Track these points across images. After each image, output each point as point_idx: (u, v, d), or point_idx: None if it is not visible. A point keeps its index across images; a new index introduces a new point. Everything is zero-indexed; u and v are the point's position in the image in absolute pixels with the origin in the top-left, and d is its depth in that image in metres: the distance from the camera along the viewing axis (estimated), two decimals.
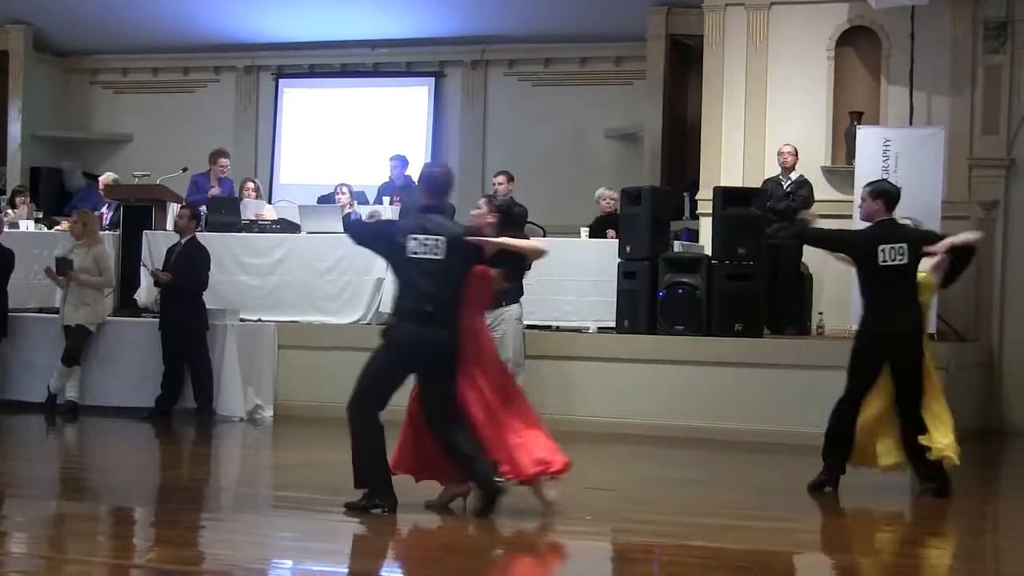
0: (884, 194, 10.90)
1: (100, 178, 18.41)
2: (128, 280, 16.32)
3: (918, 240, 10.83)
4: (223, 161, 18.19)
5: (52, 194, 21.70)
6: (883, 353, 10.74)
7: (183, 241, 15.44)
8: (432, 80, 22.53)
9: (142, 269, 16.11)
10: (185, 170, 18.12)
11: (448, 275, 9.42)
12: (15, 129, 22.32)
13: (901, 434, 10.79)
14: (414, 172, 19.47)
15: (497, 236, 9.71)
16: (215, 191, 17.79)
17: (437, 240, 9.36)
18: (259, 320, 15.95)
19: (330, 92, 22.84)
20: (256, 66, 23.05)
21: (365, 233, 10.45)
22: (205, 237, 15.85)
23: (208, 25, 21.62)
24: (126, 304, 16.19)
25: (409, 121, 22.26)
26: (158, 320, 15.36)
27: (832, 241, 11.60)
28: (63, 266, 15.23)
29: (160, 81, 23.55)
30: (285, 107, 23.04)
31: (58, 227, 17.40)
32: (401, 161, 19.35)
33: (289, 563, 8.32)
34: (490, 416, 9.50)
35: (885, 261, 10.64)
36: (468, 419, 9.46)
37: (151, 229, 16.49)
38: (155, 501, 10.68)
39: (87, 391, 15.38)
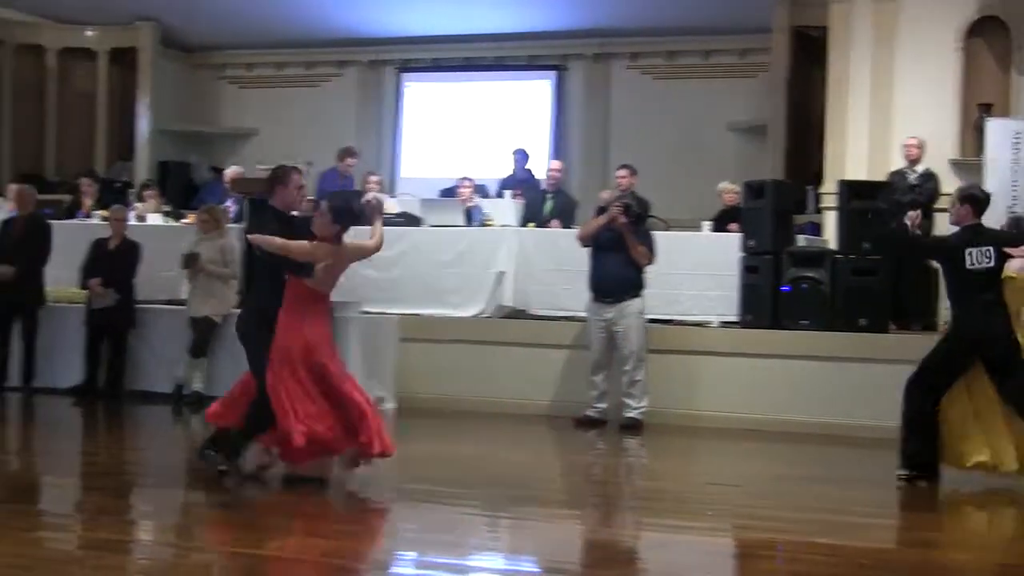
0: (972, 199, 10.97)
1: (225, 172, 18.58)
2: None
3: (1001, 242, 10.87)
4: (349, 160, 18.30)
5: (179, 188, 21.96)
6: (975, 355, 10.75)
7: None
8: (554, 74, 22.53)
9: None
10: (309, 164, 18.22)
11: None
12: (143, 124, 22.63)
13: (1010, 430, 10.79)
14: (535, 166, 19.50)
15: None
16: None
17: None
18: (381, 313, 16.02)
19: (452, 86, 22.92)
20: (379, 60, 23.19)
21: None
22: None
23: (332, 20, 21.76)
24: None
25: (531, 115, 22.28)
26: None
27: (922, 248, 11.88)
28: (190, 260, 15.40)
29: (284, 76, 23.76)
30: (407, 101, 23.15)
31: (185, 220, 17.58)
32: (523, 155, 19.37)
33: (412, 555, 8.34)
34: None
35: (973, 265, 10.72)
36: None
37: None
38: (281, 491, 10.77)
39: (213, 382, 15.50)
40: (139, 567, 7.87)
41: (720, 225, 16.65)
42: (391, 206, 17.52)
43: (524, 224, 17.01)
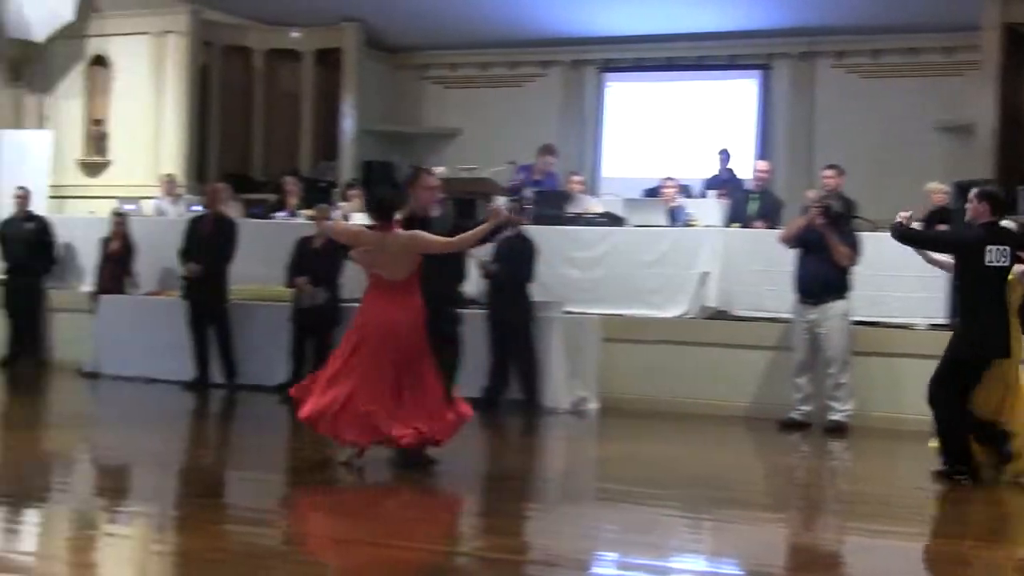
0: (991, 198, 11.04)
1: (432, 172, 18.75)
2: (456, 271, 16.56)
3: (1016, 244, 10.94)
4: (548, 159, 18.38)
5: (383, 187, 22.22)
6: (987, 357, 10.88)
7: (511, 234, 15.66)
8: (759, 73, 22.39)
9: (470, 261, 16.36)
10: (512, 163, 18.37)
11: None
12: (348, 124, 22.96)
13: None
14: (739, 166, 19.40)
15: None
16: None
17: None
18: (583, 313, 16.07)
19: (655, 86, 22.90)
20: (582, 60, 23.25)
21: None
22: (532, 230, 16.04)
23: (535, 20, 21.86)
24: None
25: (736, 114, 22.17)
26: (485, 312, 15.59)
27: (939, 242, 11.77)
28: None
29: (488, 76, 23.94)
30: (609, 101, 23.18)
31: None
32: (726, 155, 19.29)
33: (613, 555, 8.36)
34: None
35: (991, 262, 10.79)
36: None
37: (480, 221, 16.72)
38: (481, 490, 10.87)
39: None
40: (342, 562, 8.00)
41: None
42: (594, 206, 17.57)
43: (728, 224, 16.94)
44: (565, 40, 22.70)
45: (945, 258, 11.61)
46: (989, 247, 10.80)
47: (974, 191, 11.24)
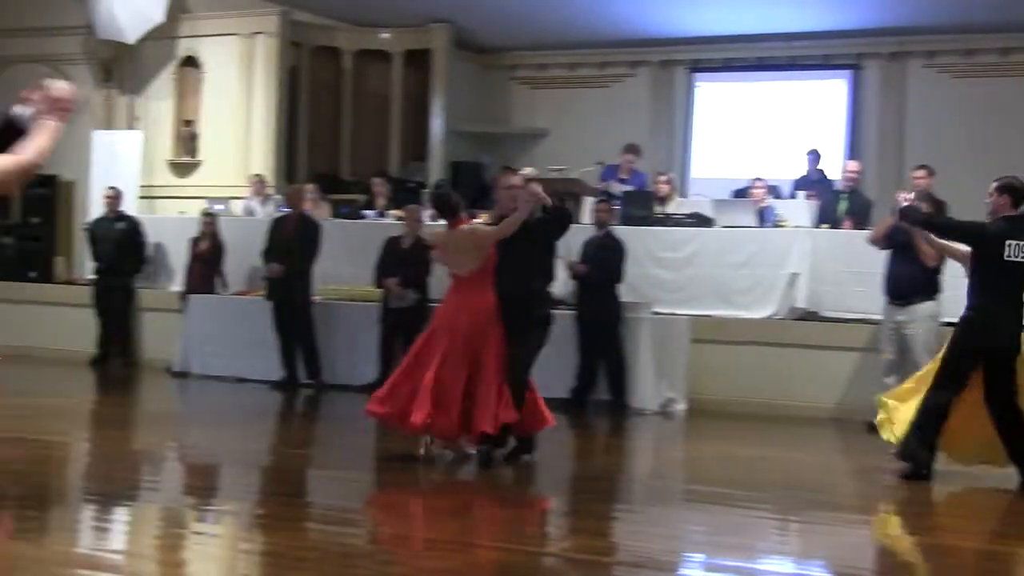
0: (1011, 190, 10.90)
1: (520, 172, 18.76)
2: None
3: None
4: (627, 157, 18.34)
5: (471, 188, 22.27)
6: (988, 349, 10.74)
7: (600, 234, 15.66)
8: (849, 73, 22.23)
9: (558, 262, 16.35)
10: (600, 164, 18.36)
11: None
12: (437, 124, 23.01)
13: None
14: (828, 166, 19.27)
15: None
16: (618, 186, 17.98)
17: None
18: (672, 314, 16.03)
19: (745, 86, 22.79)
20: (671, 60, 23.18)
21: None
22: (620, 230, 16.02)
23: (624, 20, 21.81)
24: None
25: (825, 115, 22.02)
26: (574, 312, 15.59)
27: (958, 231, 11.39)
28: None
29: (576, 76, 23.92)
30: (699, 101, 23.10)
31: (476, 220, 17.81)
32: (816, 155, 19.17)
33: (701, 557, 8.33)
34: None
35: (1010, 256, 10.65)
36: None
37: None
38: (569, 491, 10.87)
39: None
40: (428, 564, 8.02)
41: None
42: (682, 206, 17.53)
43: (818, 225, 16.84)
44: (654, 40, 22.64)
45: (960, 247, 11.36)
46: (1009, 241, 10.66)
47: (994, 183, 11.11)
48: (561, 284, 16.27)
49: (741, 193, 18.05)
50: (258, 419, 13.46)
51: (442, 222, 11.74)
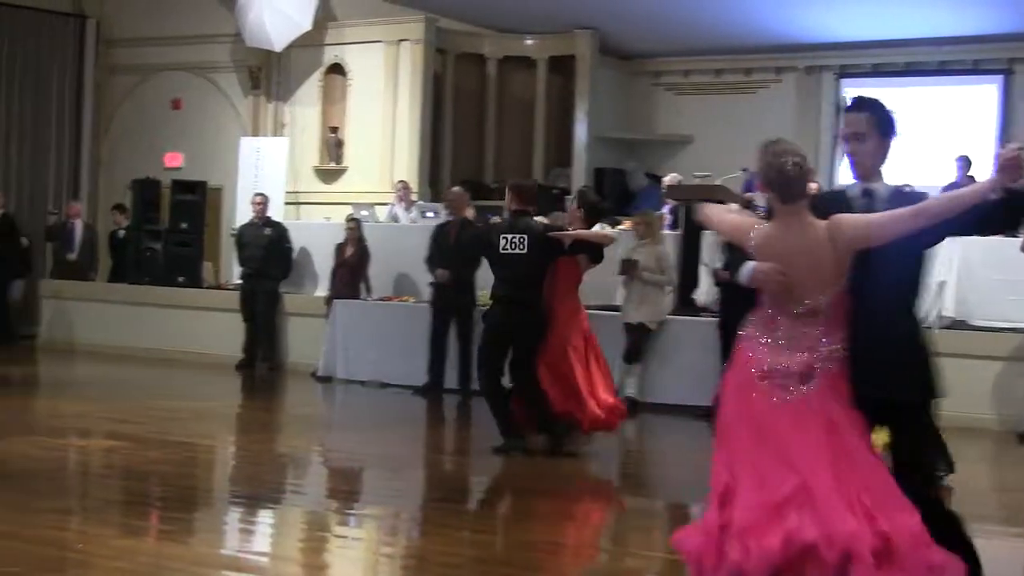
0: None
1: (664, 179, 18.73)
2: (688, 279, 16.52)
3: None
4: None
5: (615, 194, 22.28)
6: None
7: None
8: (1000, 78, 21.89)
9: (702, 268, 16.29)
10: (745, 170, 18.24)
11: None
12: (581, 131, 23.02)
13: None
14: (977, 172, 18.99)
15: None
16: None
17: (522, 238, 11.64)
18: None
19: (893, 91, 22.51)
20: (818, 66, 22.99)
21: None
22: None
23: (770, 26, 21.67)
24: (685, 303, 16.40)
25: (975, 120, 21.70)
26: (717, 320, 15.50)
27: None
28: (628, 267, 15.57)
29: (721, 83, 23.81)
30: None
31: (621, 227, 17.80)
32: (965, 161, 18.90)
33: None
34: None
35: None
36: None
37: (708, 230, 16.65)
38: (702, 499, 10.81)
39: (646, 388, 15.66)
40: (571, 570, 8.02)
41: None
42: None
43: None
44: (800, 46, 22.47)
45: None
46: None
47: None
48: (704, 292, 16.21)
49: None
50: (402, 424, 13.53)
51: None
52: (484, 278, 16.73)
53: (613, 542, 8.90)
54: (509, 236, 11.78)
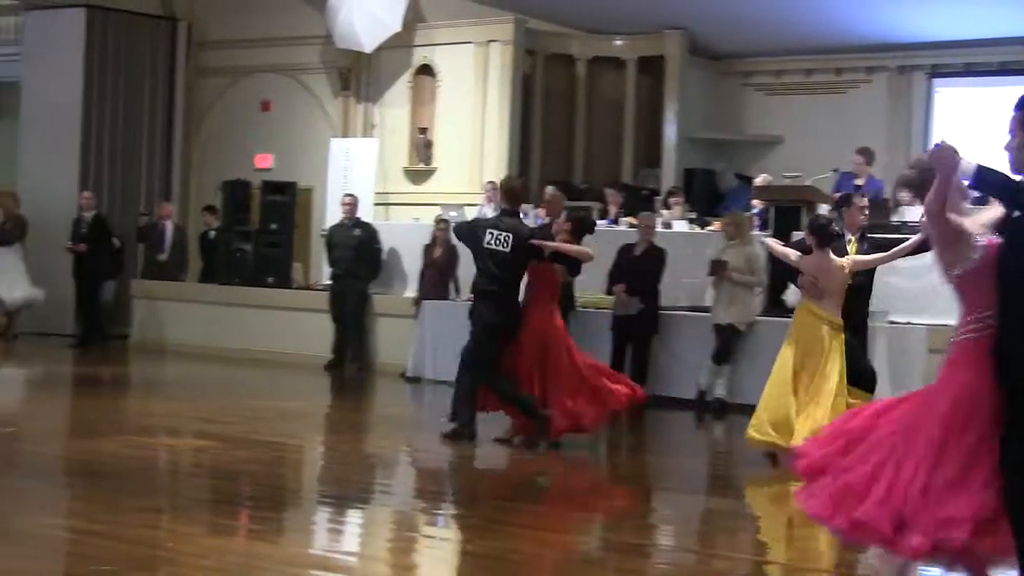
0: None
1: (755, 180, 18.65)
2: (777, 281, 16.43)
3: None
4: (856, 159, 18.05)
5: (705, 195, 22.18)
6: None
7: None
8: None
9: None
10: (835, 171, 18.12)
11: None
12: (671, 131, 22.93)
13: None
14: None
15: None
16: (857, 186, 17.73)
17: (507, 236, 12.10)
18: (908, 323, 15.75)
19: (987, 91, 22.29)
20: (909, 65, 22.79)
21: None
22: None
23: (861, 25, 21.49)
24: (775, 304, 16.30)
25: None
26: None
27: None
28: (717, 267, 15.52)
29: (812, 83, 23.64)
30: (938, 107, 22.67)
31: (710, 227, 17.75)
32: None
33: (935, 572, 8.17)
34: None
35: None
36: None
37: (800, 230, 16.55)
38: (780, 500, 10.74)
39: (735, 389, 15.58)
40: (659, 572, 8.00)
41: None
42: (920, 214, 17.17)
43: None
44: (892, 45, 22.27)
45: None
46: None
47: None
48: (793, 294, 16.09)
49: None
50: (490, 424, 13.52)
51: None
52: (579, 280, 16.80)
53: (700, 543, 8.87)
54: (495, 232, 12.23)
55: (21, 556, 7.50)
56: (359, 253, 19.13)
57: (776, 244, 12.68)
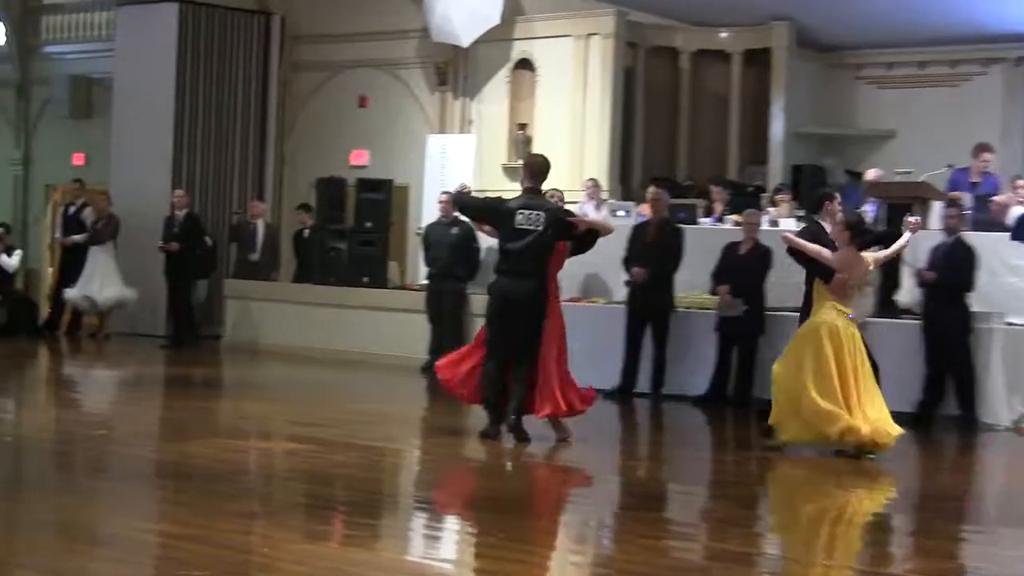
0: None
1: (866, 175, 18.50)
2: (889, 280, 16.27)
3: None
4: (985, 156, 17.83)
5: (813, 192, 21.99)
6: None
7: (949, 240, 15.29)
8: None
9: (904, 269, 16.04)
10: (950, 167, 17.93)
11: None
12: (778, 126, 22.76)
13: None
14: None
15: None
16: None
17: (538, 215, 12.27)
18: None
19: None
20: None
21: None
22: (971, 236, 15.60)
23: (978, 16, 21.25)
24: (887, 304, 16.16)
25: None
26: (920, 322, 15.26)
27: None
28: None
29: (925, 75, 23.39)
30: None
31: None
32: None
33: None
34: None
35: None
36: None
37: None
38: (913, 509, 10.64)
39: None
40: None
41: None
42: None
43: None
44: (1010, 36, 21.99)
45: None
46: None
47: None
48: (907, 292, 15.96)
49: None
50: (591, 428, 13.51)
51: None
52: (682, 280, 16.75)
53: (825, 555, 8.79)
54: (526, 212, 12.36)
55: (112, 560, 7.57)
56: (456, 252, 19.15)
57: (802, 241, 12.79)
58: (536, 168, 12.93)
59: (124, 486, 9.99)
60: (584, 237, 12.80)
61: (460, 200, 14.01)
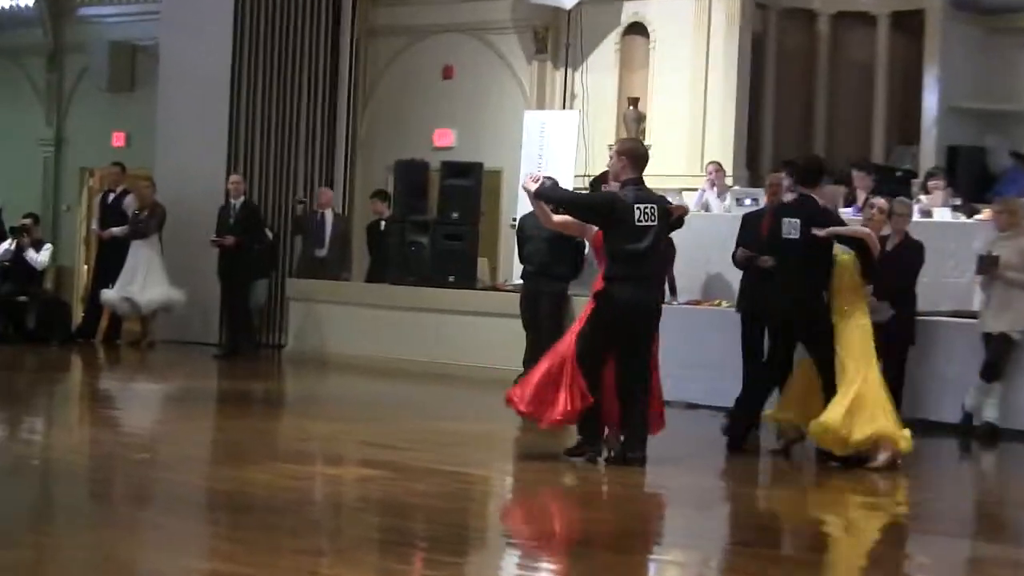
0: None
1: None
2: None
3: None
4: None
5: (972, 177, 21.86)
6: None
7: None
8: None
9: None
10: None
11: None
12: (931, 101, 22.62)
13: None
14: None
15: None
16: None
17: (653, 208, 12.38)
18: None
19: None
20: None
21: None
22: None
23: None
24: None
25: None
26: None
27: None
28: (988, 264, 15.30)
29: None
30: None
31: (978, 216, 17.49)
32: None
33: None
34: None
35: None
36: None
37: None
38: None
39: (1009, 412, 15.37)
40: None
41: None
42: None
43: None
44: None
45: None
46: None
47: None
48: None
49: None
50: (709, 452, 13.52)
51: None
52: None
53: None
54: (642, 207, 12.36)
55: None
56: (556, 247, 19.12)
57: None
58: (640, 155, 12.92)
59: (170, 518, 10.07)
60: (676, 224, 13.08)
61: (555, 194, 13.52)
